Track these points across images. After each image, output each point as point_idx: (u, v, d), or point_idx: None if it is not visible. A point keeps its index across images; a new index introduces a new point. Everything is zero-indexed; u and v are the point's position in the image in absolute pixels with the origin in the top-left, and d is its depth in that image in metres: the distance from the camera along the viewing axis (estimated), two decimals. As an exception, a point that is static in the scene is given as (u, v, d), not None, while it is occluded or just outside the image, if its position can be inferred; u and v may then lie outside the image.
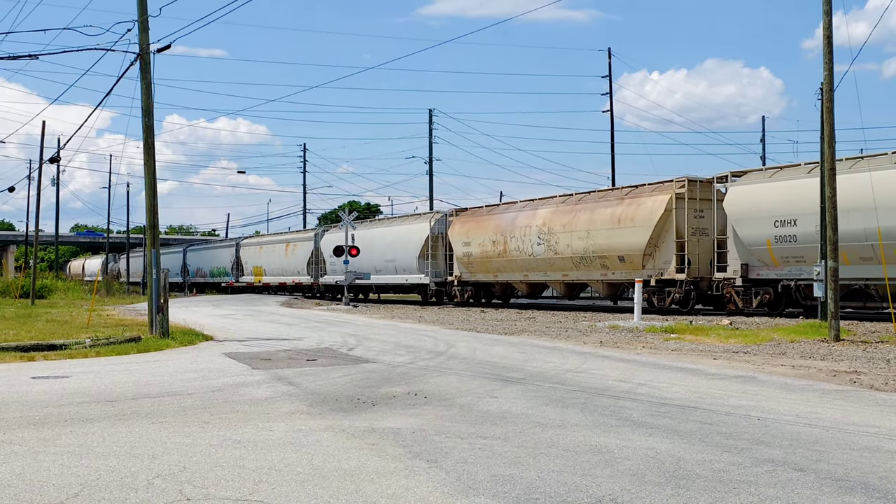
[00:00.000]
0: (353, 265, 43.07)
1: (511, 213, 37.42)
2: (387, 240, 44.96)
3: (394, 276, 44.20)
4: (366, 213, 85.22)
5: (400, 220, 47.16)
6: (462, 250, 39.43)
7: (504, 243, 36.78)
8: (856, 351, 15.69)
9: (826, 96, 18.48)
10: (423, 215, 44.21)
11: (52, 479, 6.33)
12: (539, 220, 35.16)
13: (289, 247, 57.18)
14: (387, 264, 44.43)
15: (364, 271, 43.87)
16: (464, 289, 40.26)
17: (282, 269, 57.57)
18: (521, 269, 36.32)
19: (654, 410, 9.27)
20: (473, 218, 39.96)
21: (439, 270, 41.52)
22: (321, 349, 16.96)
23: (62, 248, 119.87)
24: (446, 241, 41.28)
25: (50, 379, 12.27)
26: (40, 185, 49.69)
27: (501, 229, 37.14)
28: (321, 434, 7.99)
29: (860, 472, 6.45)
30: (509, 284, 38.66)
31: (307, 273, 53.70)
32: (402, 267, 43.23)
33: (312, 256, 53.30)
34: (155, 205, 19.99)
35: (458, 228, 40.16)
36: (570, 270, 33.81)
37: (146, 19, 19.87)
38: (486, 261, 37.91)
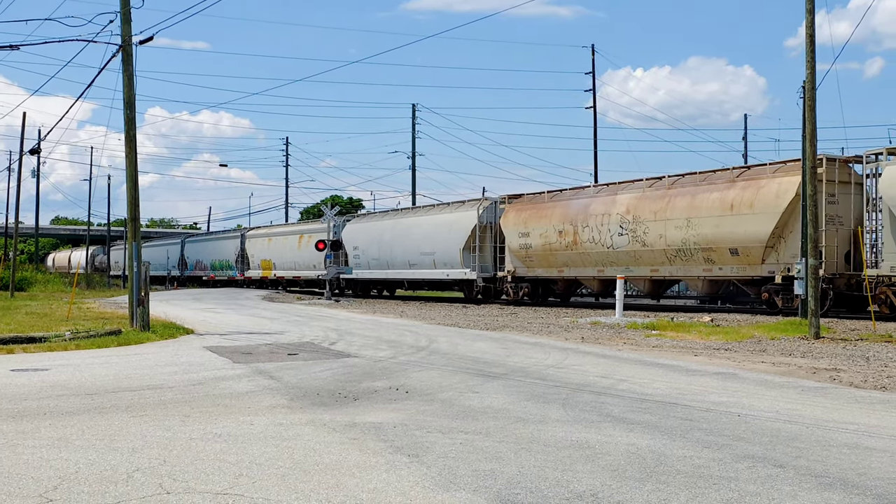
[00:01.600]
0: (383, 257, 40.93)
1: (582, 200, 32.75)
2: (423, 230, 40.16)
3: (431, 271, 39.51)
4: (348, 207, 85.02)
5: (440, 208, 41.88)
6: (518, 242, 34.66)
7: (574, 234, 32.07)
8: (836, 348, 15.79)
9: (808, 95, 18.57)
10: (470, 202, 39.15)
11: (30, 471, 6.29)
12: (620, 206, 30.30)
13: (303, 238, 52.32)
14: (423, 258, 39.80)
15: (395, 266, 41.18)
16: (518, 286, 35.45)
17: (294, 263, 52.83)
18: (595, 264, 31.57)
19: (635, 406, 9.30)
20: (532, 205, 34.97)
21: (486, 265, 36.67)
22: (302, 343, 16.92)
23: (42, 241, 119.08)
24: (495, 232, 36.66)
25: (29, 371, 12.19)
26: (20, 176, 49.36)
27: (570, 218, 32.39)
28: (302, 428, 7.97)
29: (839, 468, 6.49)
30: (576, 281, 34.13)
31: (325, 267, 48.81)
32: (442, 260, 38.43)
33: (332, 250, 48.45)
34: (136, 197, 19.88)
35: (514, 217, 35.34)
36: (660, 265, 29.11)
37: (129, 11, 19.74)
38: (550, 254, 33.33)
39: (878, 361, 13.75)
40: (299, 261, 52.36)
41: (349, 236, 46.56)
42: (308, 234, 52.02)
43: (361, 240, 44.94)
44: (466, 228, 36.99)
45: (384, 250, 42.55)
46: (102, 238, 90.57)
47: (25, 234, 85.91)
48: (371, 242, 43.91)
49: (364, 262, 44.09)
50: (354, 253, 45.30)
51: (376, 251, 43.24)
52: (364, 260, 44.05)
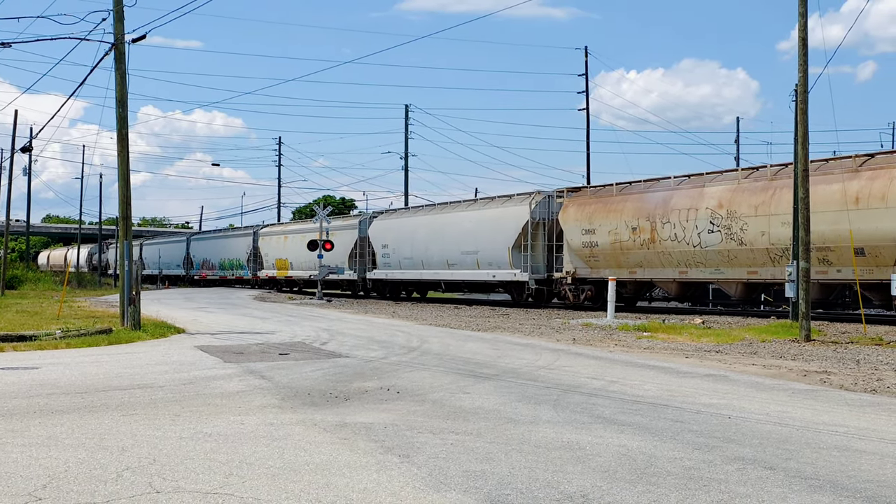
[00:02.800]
0: (417, 256, 38.24)
1: (660, 193, 29.17)
2: (465, 227, 36.64)
3: (473, 272, 35.90)
4: (341, 207, 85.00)
5: (483, 203, 37.82)
6: (582, 240, 31.10)
7: (651, 230, 28.57)
8: (826, 351, 15.82)
9: (800, 98, 18.61)
10: (520, 197, 35.02)
11: (20, 470, 6.26)
12: (710, 200, 26.76)
13: None
14: (464, 257, 36.21)
15: (431, 266, 37.89)
16: (580, 288, 31.72)
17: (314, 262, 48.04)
18: (677, 264, 27.99)
19: (625, 408, 9.31)
20: (598, 199, 31.40)
21: (538, 265, 32.98)
22: (294, 343, 16.90)
23: (33, 239, 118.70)
24: (549, 229, 32.94)
25: (19, 370, 12.15)
26: (12, 174, 49.25)
27: (647, 212, 28.89)
28: (293, 428, 7.96)
29: (829, 470, 6.50)
30: (650, 283, 30.70)
31: (349, 267, 45.44)
32: (487, 260, 34.82)
33: (356, 247, 44.78)
34: (128, 196, 19.84)
35: (575, 213, 31.77)
36: (761, 266, 25.46)
37: (121, 9, 19.70)
38: (620, 253, 29.80)
39: (869, 364, 13.78)
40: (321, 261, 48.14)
41: (377, 234, 43.18)
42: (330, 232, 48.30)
43: (391, 238, 41.71)
44: (517, 225, 33.26)
45: (418, 249, 39.16)
46: (94, 236, 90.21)
47: (16, 232, 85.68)
48: (402, 240, 40.61)
49: (394, 261, 40.92)
50: (383, 252, 42.14)
51: (408, 250, 39.99)
52: (394, 259, 40.89)
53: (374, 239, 43.27)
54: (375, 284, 44.10)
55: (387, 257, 41.73)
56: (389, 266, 41.55)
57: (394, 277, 41.88)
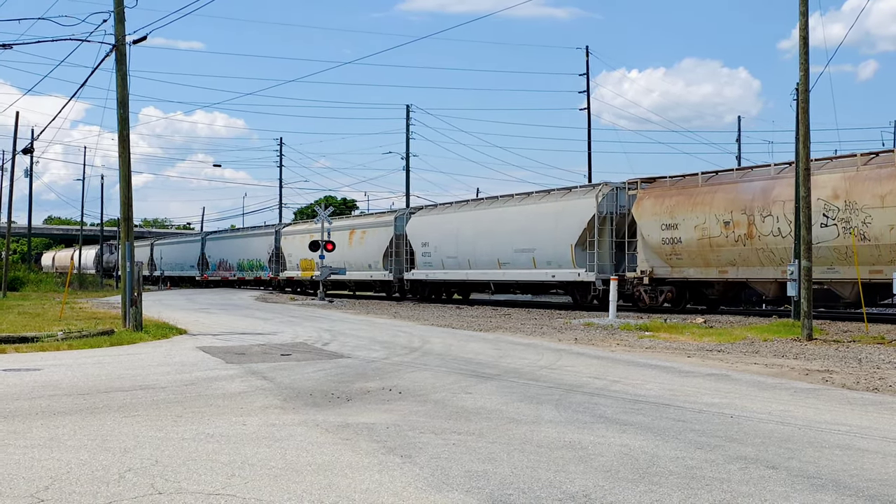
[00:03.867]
0: (462, 255, 36.06)
1: (759, 182, 26.07)
2: (518, 222, 33.78)
3: (529, 272, 32.94)
4: (342, 208, 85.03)
5: (539, 196, 34.48)
6: (661, 236, 28.22)
7: (748, 225, 25.66)
8: (828, 350, 15.81)
9: (801, 97, 18.60)
10: (583, 189, 32.41)
11: (22, 471, 6.27)
12: (823, 189, 23.58)
13: (354, 234, 45.78)
14: (518, 256, 33.37)
15: (479, 265, 35.45)
16: (657, 289, 28.90)
17: (344, 262, 45.39)
18: (780, 262, 24.88)
19: (627, 407, 9.30)
20: (681, 190, 28.26)
21: (605, 264, 30.21)
22: (295, 344, 16.90)
23: (34, 241, 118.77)
24: (618, 224, 30.30)
25: (21, 371, 12.15)
26: (13, 176, 49.30)
27: (742, 205, 25.93)
28: (295, 429, 7.96)
29: (831, 469, 6.50)
30: (743, 284, 27.11)
31: (384, 267, 42.70)
32: (545, 259, 32.02)
33: (392, 246, 42.19)
34: (129, 197, 19.85)
35: (652, 206, 28.80)
36: (887, 265, 22.42)
37: (122, 10, 19.71)
38: (709, 250, 26.70)
39: (871, 363, 13.77)
40: (352, 260, 45.42)
41: (416, 231, 40.47)
42: (362, 230, 45.75)
43: (432, 235, 38.98)
44: (581, 220, 30.51)
45: (464, 247, 36.49)
46: (96, 238, 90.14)
47: (18, 233, 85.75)
48: (446, 238, 37.88)
49: (436, 260, 38.29)
50: (424, 251, 39.39)
51: (453, 248, 37.37)
52: (437, 258, 38.24)
53: (412, 237, 40.72)
54: (414, 286, 41.70)
55: (427, 256, 39.17)
56: (430, 266, 38.99)
57: (436, 278, 39.29)
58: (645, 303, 29.29)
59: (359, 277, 45.25)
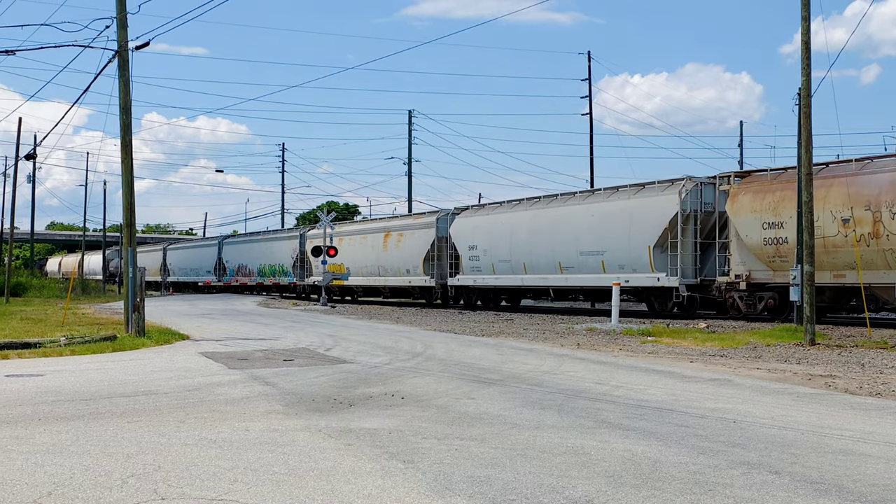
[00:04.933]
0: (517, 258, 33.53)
1: (887, 174, 22.93)
2: (583, 222, 31.05)
3: (598, 277, 30.16)
4: (344, 213, 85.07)
5: (608, 193, 31.59)
6: (762, 235, 25.20)
7: (873, 223, 22.68)
8: (831, 355, 15.80)
9: (803, 102, 18.61)
10: (662, 184, 29.19)
11: (24, 477, 6.27)
12: None
13: (390, 237, 42.73)
14: (585, 259, 30.67)
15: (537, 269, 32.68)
16: (755, 295, 25.68)
17: (378, 267, 43.09)
18: None
19: (630, 413, 9.30)
20: (784, 184, 25.20)
21: (688, 267, 27.52)
22: (298, 349, 16.90)
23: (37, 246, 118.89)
24: (703, 222, 27.64)
25: (24, 377, 12.16)
26: (16, 181, 49.37)
27: (866, 199, 22.93)
28: (297, 434, 7.96)
29: (834, 474, 6.49)
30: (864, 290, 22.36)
31: (425, 272, 39.64)
32: (617, 262, 29.39)
33: (433, 249, 39.27)
34: (132, 203, 19.88)
35: (751, 201, 25.80)
36: None
37: (125, 16, 19.76)
38: (824, 252, 23.46)
39: (873, 368, 13.76)
40: (386, 264, 42.71)
41: (461, 233, 37.64)
42: (398, 232, 42.45)
43: (481, 237, 36.17)
44: (661, 218, 27.89)
45: (519, 250, 33.76)
46: (98, 243, 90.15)
47: (21, 239, 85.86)
48: (497, 240, 35.19)
49: (486, 265, 35.52)
50: (471, 254, 36.51)
51: (505, 251, 34.57)
52: (486, 263, 35.48)
53: (457, 239, 37.80)
54: (459, 292, 38.43)
55: (475, 260, 36.24)
56: (479, 270, 36.08)
57: (486, 284, 36.20)
58: (740, 310, 26.33)
59: (395, 283, 42.41)
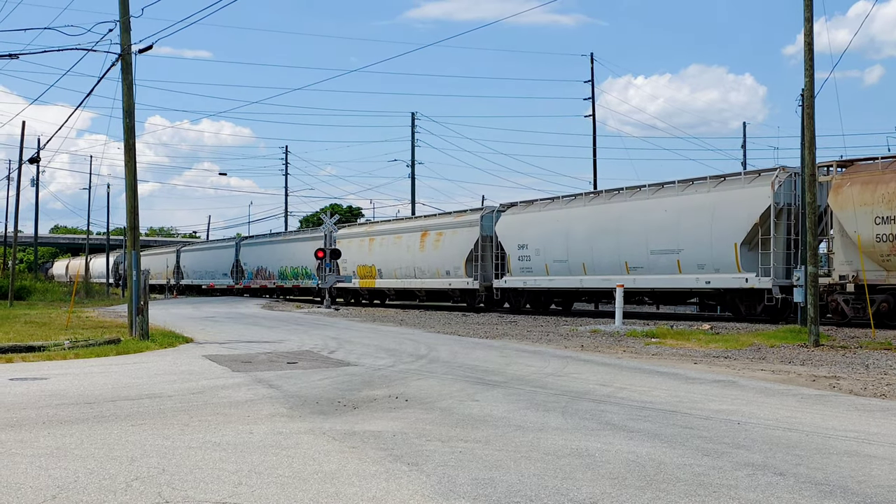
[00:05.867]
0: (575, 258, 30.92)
1: None
2: (655, 218, 28.32)
3: (673, 278, 27.56)
4: (348, 216, 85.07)
5: (684, 185, 28.64)
6: (875, 231, 22.64)
7: None
8: (835, 356, 15.78)
9: (807, 103, 18.59)
10: (748, 175, 26.65)
11: (29, 481, 6.27)
12: None
13: (427, 237, 40.02)
14: (656, 258, 28.18)
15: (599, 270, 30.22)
16: (862, 298, 22.44)
17: (414, 269, 40.58)
18: None
19: (634, 414, 9.29)
20: None
21: (781, 266, 25.05)
22: (302, 352, 16.90)
23: (41, 250, 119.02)
24: (795, 216, 25.03)
25: (28, 380, 12.17)
26: (19, 185, 49.42)
27: None
28: (301, 437, 7.96)
29: (839, 476, 6.48)
30: None
31: (467, 273, 36.97)
32: (695, 261, 26.83)
33: (477, 249, 36.65)
34: (135, 206, 19.89)
35: (860, 193, 23.09)
36: None
37: (128, 20, 19.78)
38: None
39: (878, 369, 13.74)
40: (423, 266, 40.12)
41: (508, 231, 35.17)
42: (437, 231, 39.63)
43: (532, 235, 33.68)
44: (750, 213, 25.27)
45: (577, 249, 31.24)
46: (102, 247, 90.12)
47: (24, 242, 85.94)
48: (551, 238, 32.65)
49: (538, 265, 33.04)
50: (521, 254, 34.07)
51: (560, 250, 32.11)
52: (538, 263, 33.00)
53: (503, 238, 35.33)
54: (506, 295, 36.15)
55: (526, 260, 33.69)
56: (530, 271, 33.55)
57: (538, 286, 33.71)
58: (844, 315, 23.68)
59: (433, 286, 39.72)
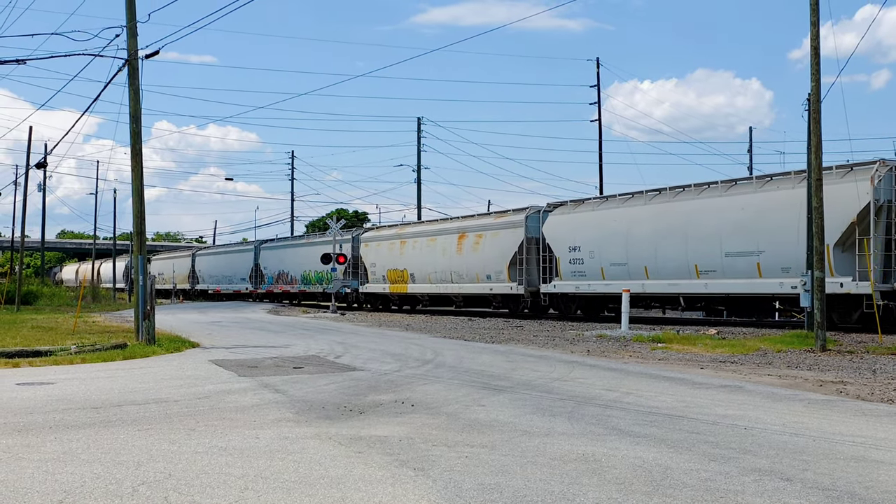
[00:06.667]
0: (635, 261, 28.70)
1: None
2: (731, 217, 25.79)
3: (751, 282, 25.09)
4: (353, 220, 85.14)
5: (762, 181, 26.27)
6: None
7: None
8: (842, 361, 15.74)
9: (813, 107, 18.58)
10: (840, 170, 23.83)
11: (35, 485, 6.28)
12: None
13: (465, 239, 37.79)
14: (731, 261, 25.57)
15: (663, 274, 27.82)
16: None
17: (451, 273, 38.23)
18: None
19: (641, 419, 9.28)
20: None
21: (878, 270, 22.39)
22: (308, 357, 16.91)
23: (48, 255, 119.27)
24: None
25: (35, 385, 12.19)
26: (27, 190, 49.55)
27: None
28: (308, 442, 7.96)
29: (846, 481, 6.47)
30: None
31: (510, 277, 34.83)
32: (779, 263, 24.42)
33: (522, 251, 34.28)
34: (142, 211, 19.92)
35: None
36: None
37: (135, 25, 19.83)
38: None
39: (885, 374, 13.71)
40: (461, 270, 37.76)
41: (557, 233, 32.75)
42: (476, 233, 37.33)
43: (586, 236, 31.35)
44: (846, 211, 22.83)
45: (638, 250, 28.90)
46: (108, 252, 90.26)
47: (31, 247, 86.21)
48: (608, 240, 30.48)
49: (592, 268, 30.87)
50: (572, 256, 31.70)
51: (619, 252, 29.80)
52: (593, 266, 30.86)
53: (552, 239, 32.93)
54: (554, 300, 33.41)
55: (578, 264, 31.43)
56: (583, 275, 31.21)
57: (593, 291, 31.15)
58: None
59: (472, 291, 37.33)
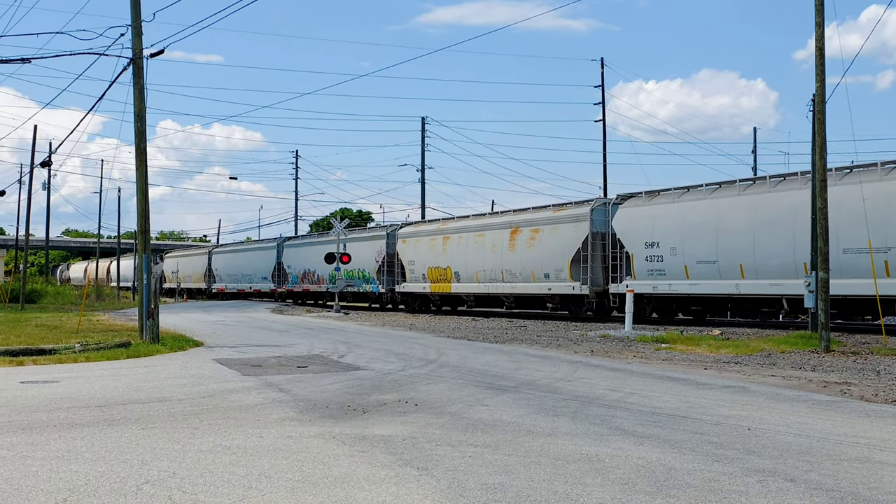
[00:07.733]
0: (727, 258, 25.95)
1: None
2: (846, 210, 22.27)
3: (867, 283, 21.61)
4: (357, 220, 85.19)
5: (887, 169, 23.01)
6: None
7: None
8: (846, 362, 15.72)
9: (818, 108, 18.54)
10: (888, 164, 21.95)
11: (40, 484, 6.29)
12: None
13: (519, 234, 34.59)
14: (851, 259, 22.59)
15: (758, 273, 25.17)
16: None
17: (502, 272, 35.09)
18: None
19: (644, 420, 9.27)
20: None
21: None
22: (312, 356, 16.92)
23: (52, 253, 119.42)
24: None
25: (39, 383, 12.21)
26: (31, 189, 49.57)
27: None
28: (311, 441, 7.97)
29: (850, 482, 6.46)
30: None
31: (572, 276, 31.61)
32: None
33: (585, 248, 31.25)
34: (146, 210, 19.94)
35: None
36: None
37: (140, 24, 19.85)
38: None
39: (889, 375, 13.68)
40: (513, 268, 34.69)
41: (631, 226, 29.91)
42: (532, 228, 34.16)
43: (665, 230, 28.47)
44: None
45: (731, 246, 26.11)
46: (113, 250, 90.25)
47: (36, 246, 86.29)
48: (691, 235, 27.53)
49: (674, 266, 27.85)
50: (649, 253, 28.91)
51: (707, 249, 26.92)
52: (674, 263, 27.83)
53: (624, 234, 30.10)
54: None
55: (655, 261, 28.64)
56: (662, 274, 28.39)
57: (675, 292, 28.19)
58: None
59: (527, 291, 34.25)
